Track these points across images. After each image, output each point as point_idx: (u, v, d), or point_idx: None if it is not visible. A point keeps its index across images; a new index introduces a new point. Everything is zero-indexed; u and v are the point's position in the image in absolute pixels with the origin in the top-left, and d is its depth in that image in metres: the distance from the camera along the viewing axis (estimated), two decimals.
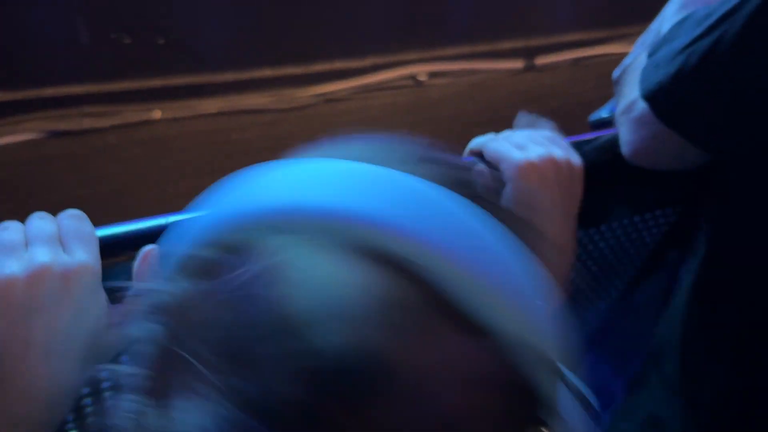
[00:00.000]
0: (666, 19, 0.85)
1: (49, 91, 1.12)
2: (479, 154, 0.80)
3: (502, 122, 0.86)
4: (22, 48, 1.10)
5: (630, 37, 0.94)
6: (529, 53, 1.40)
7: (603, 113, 0.96)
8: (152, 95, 1.17)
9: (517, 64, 1.41)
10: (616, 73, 0.91)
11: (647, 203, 0.98)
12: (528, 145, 0.78)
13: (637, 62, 0.83)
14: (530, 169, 0.75)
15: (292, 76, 1.26)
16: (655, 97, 0.77)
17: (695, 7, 0.81)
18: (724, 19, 0.71)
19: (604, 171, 0.84)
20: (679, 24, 0.79)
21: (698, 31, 0.73)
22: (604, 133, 0.89)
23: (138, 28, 1.14)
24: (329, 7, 1.25)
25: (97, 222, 0.64)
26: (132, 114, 1.17)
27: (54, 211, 0.64)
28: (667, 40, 0.79)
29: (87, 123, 1.14)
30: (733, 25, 0.70)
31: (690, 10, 0.81)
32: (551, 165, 0.76)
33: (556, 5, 1.40)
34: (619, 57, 0.93)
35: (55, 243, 0.59)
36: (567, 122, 0.88)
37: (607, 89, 0.95)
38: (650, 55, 0.80)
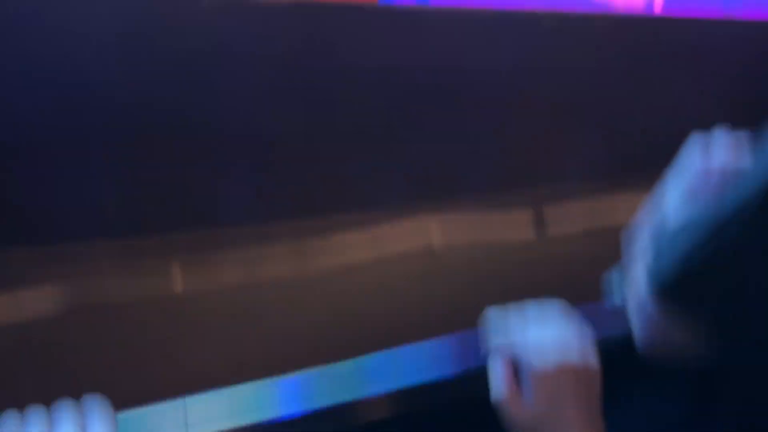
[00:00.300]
0: (671, 204, 0.84)
1: (67, 249, 1.12)
2: (501, 350, 0.84)
3: (514, 290, 0.91)
4: (36, 205, 1.10)
5: (638, 187, 0.96)
6: (539, 209, 1.44)
7: (614, 283, 0.94)
8: (171, 254, 1.17)
9: (528, 224, 1.44)
10: (624, 245, 0.89)
11: (666, 390, 0.96)
12: (544, 348, 0.81)
13: (643, 246, 0.83)
14: (546, 380, 0.79)
15: (311, 234, 1.28)
16: (665, 297, 0.77)
17: (700, 193, 0.80)
18: (728, 222, 0.72)
19: (621, 365, 0.85)
20: (684, 229, 0.78)
21: (702, 235, 0.73)
22: (614, 308, 0.89)
23: (157, 185, 1.16)
24: (347, 167, 1.30)
25: (114, 393, 0.69)
26: (151, 275, 1.16)
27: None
28: (672, 240, 0.78)
29: (107, 284, 1.13)
30: (736, 228, 0.71)
31: (694, 198, 0.81)
32: (567, 375, 0.79)
33: (566, 159, 1.47)
34: (629, 211, 0.90)
35: None
36: (580, 289, 0.92)
37: (618, 253, 0.92)
38: (656, 254, 0.80)
